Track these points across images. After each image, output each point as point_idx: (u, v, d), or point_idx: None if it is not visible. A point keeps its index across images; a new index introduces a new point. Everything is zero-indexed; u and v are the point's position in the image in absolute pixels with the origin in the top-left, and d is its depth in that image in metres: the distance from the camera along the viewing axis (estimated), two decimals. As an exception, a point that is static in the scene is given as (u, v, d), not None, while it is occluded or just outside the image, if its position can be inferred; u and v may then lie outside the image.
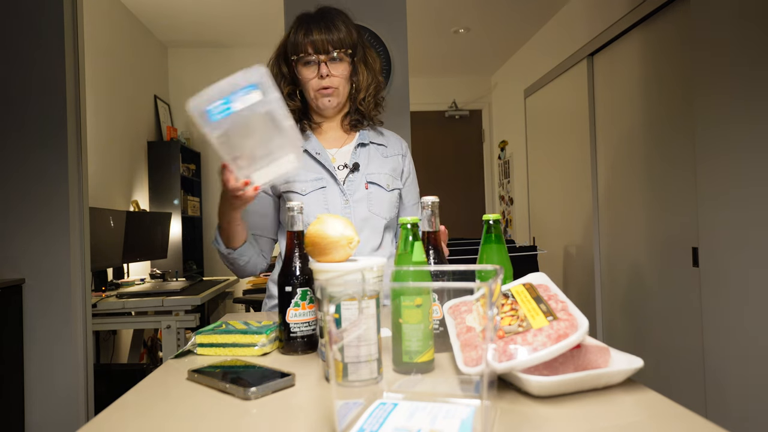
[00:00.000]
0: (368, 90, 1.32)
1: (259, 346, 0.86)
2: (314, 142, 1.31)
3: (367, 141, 1.35)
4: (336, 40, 1.24)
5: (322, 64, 1.24)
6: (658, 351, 2.60)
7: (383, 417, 0.54)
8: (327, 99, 1.27)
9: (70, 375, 2.23)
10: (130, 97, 4.02)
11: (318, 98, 1.27)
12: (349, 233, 0.82)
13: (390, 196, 1.32)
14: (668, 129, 2.51)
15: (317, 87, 1.26)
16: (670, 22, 2.50)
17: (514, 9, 3.97)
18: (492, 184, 5.71)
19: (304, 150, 1.29)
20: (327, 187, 1.27)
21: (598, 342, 0.68)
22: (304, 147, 1.29)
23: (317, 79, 1.25)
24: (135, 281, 3.34)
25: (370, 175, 1.30)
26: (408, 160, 1.42)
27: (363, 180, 1.30)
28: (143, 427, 0.58)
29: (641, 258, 2.78)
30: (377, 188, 1.30)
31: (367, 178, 1.30)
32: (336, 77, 1.26)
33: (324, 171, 1.29)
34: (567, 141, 3.73)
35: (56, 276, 2.23)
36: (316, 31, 1.23)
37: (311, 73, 1.25)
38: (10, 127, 2.23)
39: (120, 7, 3.89)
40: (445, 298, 0.80)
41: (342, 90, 1.28)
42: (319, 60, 1.24)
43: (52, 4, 2.26)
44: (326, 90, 1.26)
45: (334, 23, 1.25)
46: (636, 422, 0.55)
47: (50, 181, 2.24)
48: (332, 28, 1.24)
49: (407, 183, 1.40)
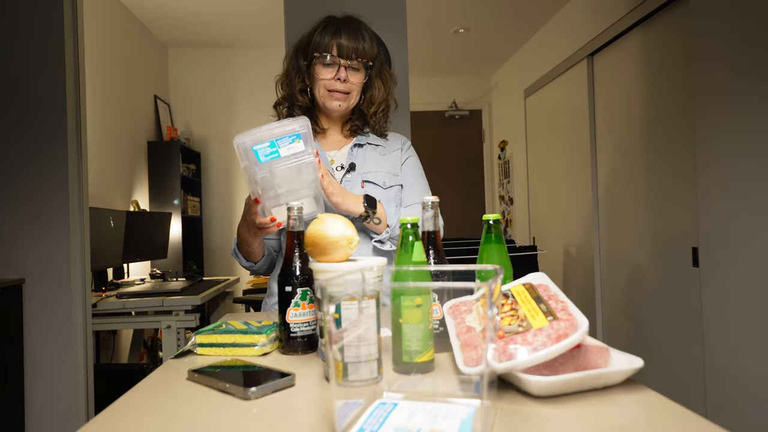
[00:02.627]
0: (380, 106, 1.35)
1: (259, 346, 0.86)
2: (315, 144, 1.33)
3: (364, 142, 1.37)
4: (361, 49, 1.26)
5: (342, 68, 1.26)
6: (658, 351, 2.60)
7: (383, 417, 0.54)
8: (337, 102, 1.29)
9: (70, 375, 2.23)
10: (130, 97, 4.02)
11: (327, 99, 1.29)
12: (349, 233, 0.83)
13: (386, 194, 1.33)
14: (668, 129, 2.51)
15: (330, 87, 1.28)
16: (670, 22, 2.50)
17: (514, 9, 3.97)
18: (492, 184, 5.71)
19: None
20: None
21: (598, 342, 0.68)
22: None
23: (333, 81, 1.27)
24: (135, 281, 3.34)
25: (366, 174, 1.32)
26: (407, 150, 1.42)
27: (359, 179, 1.32)
28: (143, 427, 0.58)
29: (641, 258, 2.78)
30: (373, 186, 1.32)
31: (363, 177, 1.32)
32: (352, 83, 1.28)
33: None
34: (567, 141, 3.73)
35: (56, 276, 2.23)
36: (345, 35, 1.25)
37: (329, 73, 1.27)
38: (10, 127, 2.23)
39: (120, 7, 3.89)
40: (445, 298, 0.80)
41: (354, 98, 1.31)
42: (341, 64, 1.26)
43: (52, 5, 2.26)
44: (339, 94, 1.28)
45: (361, 33, 1.28)
46: (636, 422, 0.55)
47: (50, 181, 2.24)
48: (359, 37, 1.27)
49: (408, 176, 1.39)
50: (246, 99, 4.87)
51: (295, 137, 1.03)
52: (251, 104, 4.85)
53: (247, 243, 1.24)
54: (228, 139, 4.90)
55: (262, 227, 1.10)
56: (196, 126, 4.89)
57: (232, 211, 4.91)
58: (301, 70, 1.32)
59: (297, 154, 1.03)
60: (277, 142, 1.02)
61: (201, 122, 4.90)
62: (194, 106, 4.89)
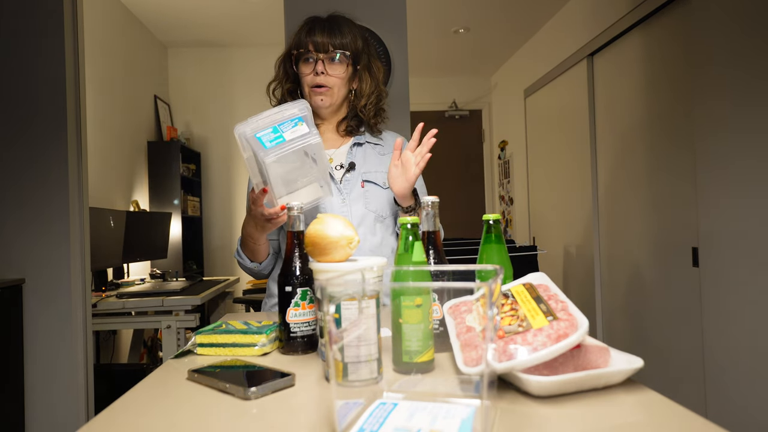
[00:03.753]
0: (369, 98, 1.34)
1: (259, 346, 0.86)
2: None
3: (363, 141, 1.37)
4: (338, 43, 1.27)
5: (319, 61, 1.26)
6: (658, 351, 2.60)
7: (383, 417, 0.54)
8: (320, 98, 1.28)
9: (70, 375, 2.23)
10: (130, 97, 4.02)
11: (311, 96, 1.29)
12: (349, 233, 0.82)
13: (387, 194, 1.33)
14: (668, 129, 2.51)
15: (312, 84, 1.28)
16: (670, 22, 2.50)
17: (514, 9, 3.97)
18: (492, 184, 5.71)
19: None
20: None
21: (598, 342, 0.68)
22: None
23: (312, 76, 1.27)
24: (135, 281, 3.34)
25: (366, 173, 1.32)
26: None
27: (359, 179, 1.32)
28: (143, 427, 0.58)
29: (641, 258, 2.78)
30: (373, 186, 1.32)
31: (363, 176, 1.32)
32: (331, 77, 1.27)
33: None
34: (567, 141, 3.73)
35: (56, 276, 2.23)
36: (320, 32, 1.26)
37: (308, 69, 1.28)
38: (10, 127, 2.23)
39: (120, 7, 3.89)
40: (445, 298, 0.80)
41: (336, 91, 1.30)
42: (318, 58, 1.26)
43: (52, 5, 2.26)
44: (320, 88, 1.27)
45: (340, 29, 1.28)
46: (636, 422, 0.55)
47: (50, 181, 2.24)
48: (336, 32, 1.27)
49: None
50: (246, 99, 4.87)
51: (297, 120, 1.01)
52: (251, 104, 4.85)
53: (254, 240, 1.22)
54: (228, 139, 4.90)
55: (271, 218, 1.08)
56: (196, 126, 4.89)
57: (232, 211, 4.91)
58: (288, 74, 1.34)
59: (303, 136, 1.01)
60: (279, 127, 1.01)
61: (201, 122, 4.90)
62: (194, 106, 4.89)
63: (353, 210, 1.30)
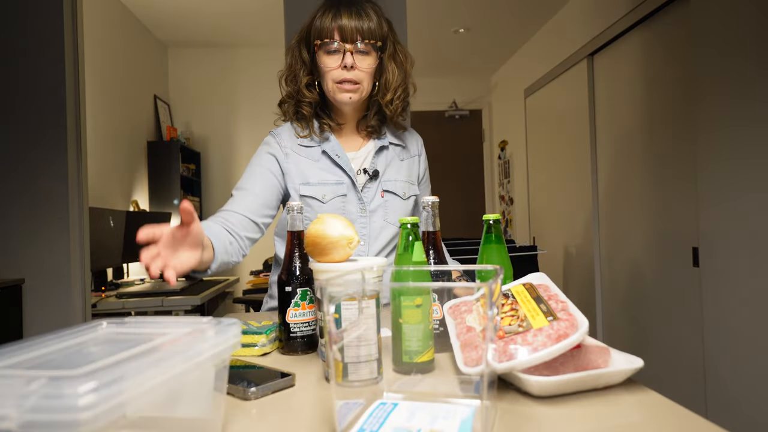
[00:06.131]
0: (397, 92, 1.20)
1: (259, 346, 0.86)
2: (334, 143, 1.22)
3: (387, 143, 1.26)
4: (366, 30, 1.12)
5: (347, 53, 1.12)
6: (658, 351, 2.60)
7: (383, 417, 0.54)
8: (348, 95, 1.15)
9: (70, 375, 2.23)
10: (130, 97, 4.02)
11: (336, 92, 1.16)
12: (349, 233, 0.82)
13: (405, 205, 1.25)
14: (668, 129, 2.51)
15: (338, 78, 1.14)
16: (670, 22, 2.50)
17: (514, 9, 3.97)
18: (492, 184, 5.71)
19: (323, 151, 1.22)
20: (347, 195, 1.20)
21: (598, 342, 0.68)
22: (323, 148, 1.22)
23: (339, 70, 1.13)
24: (135, 281, 3.34)
25: (386, 182, 1.23)
26: (423, 158, 1.36)
27: (379, 188, 1.22)
28: (143, 427, 0.58)
29: (641, 258, 2.78)
30: (393, 197, 1.23)
31: (383, 186, 1.23)
32: (361, 71, 1.14)
33: (344, 175, 1.21)
34: (567, 141, 3.73)
35: (56, 276, 2.23)
36: (346, 15, 1.11)
37: (334, 62, 1.14)
38: (10, 127, 2.23)
39: (120, 7, 3.89)
40: (445, 298, 0.80)
41: (365, 86, 1.17)
42: (345, 49, 1.12)
43: (51, 5, 2.26)
44: (348, 84, 1.14)
45: (365, 10, 1.14)
46: (636, 422, 0.55)
47: (50, 181, 2.24)
48: (363, 15, 1.12)
49: (422, 183, 1.35)
50: (246, 99, 4.87)
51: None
52: (251, 104, 4.85)
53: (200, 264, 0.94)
54: (228, 139, 4.89)
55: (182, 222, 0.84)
56: (196, 126, 4.89)
57: (232, 211, 4.90)
58: (305, 63, 1.19)
59: None
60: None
61: (201, 122, 4.90)
62: (194, 106, 4.89)
63: (372, 221, 1.21)
